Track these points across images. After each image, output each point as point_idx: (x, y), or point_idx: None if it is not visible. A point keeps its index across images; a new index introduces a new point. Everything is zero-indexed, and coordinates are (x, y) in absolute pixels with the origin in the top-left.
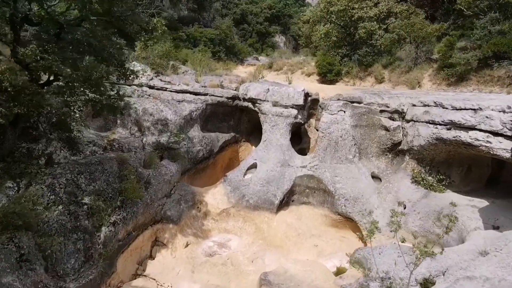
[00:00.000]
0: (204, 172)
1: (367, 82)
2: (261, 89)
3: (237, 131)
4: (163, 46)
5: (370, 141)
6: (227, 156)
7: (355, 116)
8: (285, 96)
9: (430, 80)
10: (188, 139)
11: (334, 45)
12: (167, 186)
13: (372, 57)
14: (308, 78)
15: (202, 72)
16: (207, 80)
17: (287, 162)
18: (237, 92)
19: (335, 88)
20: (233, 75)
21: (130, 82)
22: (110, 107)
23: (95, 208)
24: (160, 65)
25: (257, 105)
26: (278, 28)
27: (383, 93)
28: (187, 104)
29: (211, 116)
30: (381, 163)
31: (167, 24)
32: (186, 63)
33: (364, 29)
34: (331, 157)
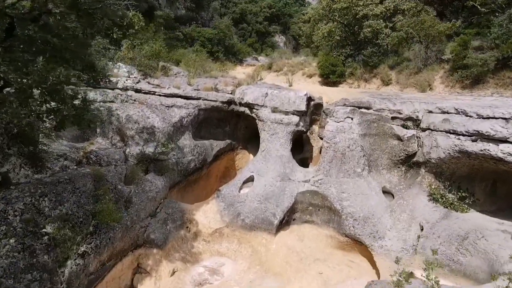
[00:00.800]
0: (197, 184)
1: (372, 84)
2: (259, 93)
3: (234, 137)
4: (153, 45)
5: (380, 152)
6: (222, 165)
7: (364, 123)
8: (285, 101)
9: (442, 82)
10: (178, 149)
11: (337, 44)
12: (151, 204)
13: (378, 57)
14: (309, 79)
15: (195, 74)
16: (201, 82)
17: (287, 175)
18: (233, 96)
19: (339, 91)
20: (229, 77)
21: (113, 86)
22: (75, 119)
23: (59, 238)
24: (149, 66)
25: (254, 111)
26: (278, 28)
27: (394, 97)
28: (177, 109)
29: (205, 122)
30: (393, 177)
31: (162, 23)
32: (180, 63)
33: (370, 27)
34: (337, 170)
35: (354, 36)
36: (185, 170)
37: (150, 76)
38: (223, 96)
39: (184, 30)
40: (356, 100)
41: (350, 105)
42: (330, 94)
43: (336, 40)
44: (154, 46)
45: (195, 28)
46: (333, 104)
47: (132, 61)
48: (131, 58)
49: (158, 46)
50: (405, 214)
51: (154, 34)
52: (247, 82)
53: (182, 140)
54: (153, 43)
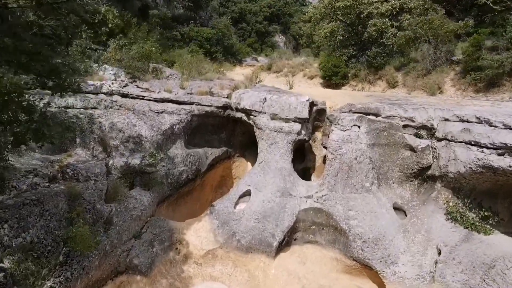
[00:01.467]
0: (190, 196)
1: (377, 86)
2: (256, 98)
3: (230, 145)
4: (143, 45)
5: (391, 164)
6: (218, 173)
7: (373, 132)
8: (285, 107)
9: (453, 85)
10: (168, 159)
11: (340, 45)
12: (136, 223)
13: (383, 58)
14: (310, 81)
15: (189, 76)
16: (195, 86)
17: (288, 191)
18: (229, 100)
19: (343, 94)
20: (226, 79)
21: (97, 90)
22: (34, 134)
23: (19, 274)
24: (137, 68)
25: (252, 118)
26: (278, 28)
27: (404, 102)
28: (168, 116)
29: (199, 128)
30: (405, 192)
31: (158, 22)
32: (175, 65)
33: (375, 26)
34: (344, 184)
35: (358, 35)
36: (176, 182)
37: (139, 79)
38: (218, 101)
39: (182, 30)
40: (363, 106)
41: (356, 112)
42: (334, 97)
43: (338, 40)
44: (144, 47)
45: (193, 28)
46: (337, 110)
47: (120, 63)
48: (119, 60)
49: (149, 46)
50: (420, 235)
51: (147, 34)
52: (245, 85)
53: (173, 149)
54: (143, 43)
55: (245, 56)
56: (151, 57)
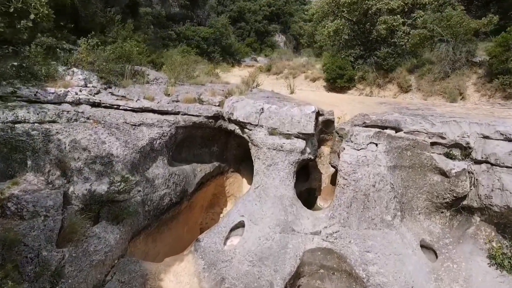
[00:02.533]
0: (175, 220)
1: (388, 90)
2: (252, 107)
3: (223, 159)
4: (122, 45)
5: (416, 191)
6: (209, 192)
7: (393, 152)
8: (287, 120)
9: (477, 90)
10: (146, 182)
11: (345, 44)
12: (98, 271)
13: (395, 59)
14: (313, 83)
15: (177, 81)
16: (182, 92)
17: (290, 225)
18: (221, 109)
19: (352, 101)
20: (219, 83)
21: (59, 99)
22: None
23: None
24: (113, 72)
25: (246, 132)
26: (277, 27)
27: (428, 113)
28: (146, 129)
29: (186, 141)
30: (434, 225)
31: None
32: (163, 67)
33: (385, 24)
34: (359, 218)
35: (365, 34)
36: (156, 209)
37: (115, 84)
38: (208, 110)
39: (177, 29)
40: (379, 118)
41: (372, 125)
42: (341, 105)
43: (343, 39)
44: (123, 46)
45: (189, 27)
46: (349, 123)
47: (93, 66)
48: (91, 62)
49: (129, 46)
50: (457, 285)
51: (132, 32)
52: (240, 90)
53: (152, 169)
54: (122, 42)
55: (244, 56)
56: (131, 59)
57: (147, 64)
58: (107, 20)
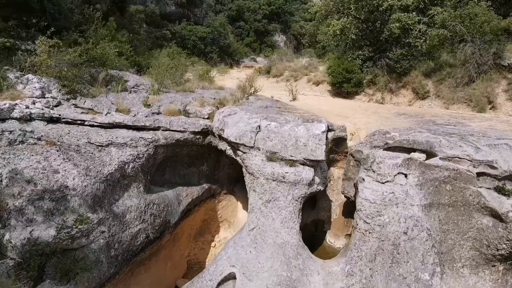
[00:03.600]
0: (154, 258)
1: (401, 96)
2: (246, 124)
3: (214, 179)
4: (94, 46)
5: (459, 237)
6: (198, 218)
7: (428, 185)
8: (290, 141)
9: (509, 98)
10: (113, 219)
11: (353, 45)
12: None
13: (409, 61)
14: (316, 88)
15: (162, 87)
16: (165, 102)
17: (295, 284)
18: (211, 122)
19: (365, 111)
20: (212, 90)
21: (4, 115)
22: None
23: None
24: (78, 79)
25: (239, 154)
26: (277, 26)
27: (467, 132)
28: (116, 150)
29: (170, 160)
30: (483, 283)
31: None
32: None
33: (398, 22)
34: (386, 276)
35: (374, 34)
36: (127, 252)
37: (82, 94)
38: (195, 124)
39: (173, 28)
40: (405, 138)
41: (396, 146)
42: (353, 116)
43: (351, 39)
44: (94, 48)
45: (186, 26)
46: (367, 144)
47: (54, 71)
48: (53, 66)
49: (103, 48)
50: None
51: (114, 31)
52: (235, 98)
53: (123, 201)
54: (94, 42)
55: (242, 56)
56: (106, 62)
57: (131, 67)
58: (86, 18)
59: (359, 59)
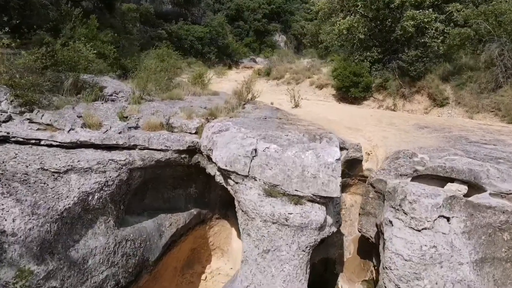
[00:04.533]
0: None
1: (415, 103)
2: (238, 147)
3: (205, 202)
4: (60, 48)
5: None
6: (185, 248)
7: (479, 233)
8: (295, 171)
9: None
10: (70, 267)
11: (361, 45)
12: None
13: (425, 64)
14: (320, 91)
15: (145, 94)
16: (147, 113)
17: None
18: (199, 138)
19: (379, 122)
20: (203, 96)
21: None
22: None
23: None
24: (36, 88)
25: (231, 183)
26: (278, 26)
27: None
28: (77, 177)
29: (152, 181)
30: None
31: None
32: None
33: (413, 20)
34: None
35: (383, 33)
36: None
37: (41, 106)
38: (179, 141)
39: (169, 28)
40: (440, 165)
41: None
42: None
43: (358, 39)
44: (62, 49)
45: (182, 26)
46: (391, 171)
47: (4, 79)
48: (5, 72)
49: (72, 49)
50: None
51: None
52: (229, 106)
53: (85, 242)
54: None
55: (242, 57)
56: (77, 66)
57: (113, 71)
58: (63, 15)
59: (367, 61)
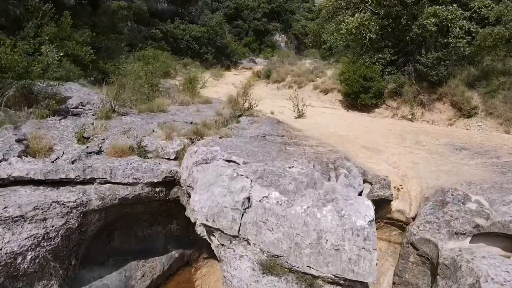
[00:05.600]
0: None
1: (436, 112)
2: (226, 192)
3: (189, 240)
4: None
5: None
6: None
7: None
8: (307, 238)
9: None
10: None
11: (371, 46)
12: None
13: (447, 67)
14: (325, 97)
15: (118, 106)
16: (115, 131)
17: None
18: (179, 167)
19: (400, 138)
20: (191, 106)
21: None
22: None
23: None
24: None
25: (215, 243)
26: (278, 26)
27: None
28: (1, 232)
29: (119, 222)
30: None
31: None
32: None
33: (434, 17)
34: None
35: (396, 32)
36: None
37: None
38: (153, 171)
39: (164, 27)
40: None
41: (492, 232)
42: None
43: (368, 38)
44: (5, 52)
45: (178, 25)
46: (440, 225)
47: None
48: None
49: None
50: None
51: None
52: (223, 119)
53: None
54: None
55: (241, 57)
56: (27, 73)
57: (88, 76)
58: (30, 12)
59: (379, 64)
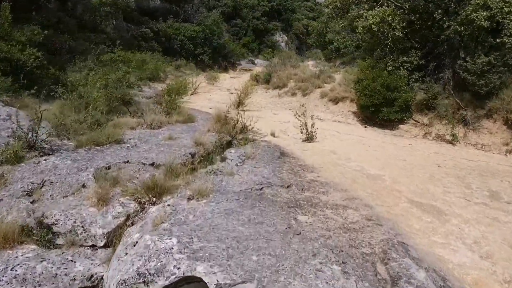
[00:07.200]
0: None
1: (485, 133)
2: None
3: None
4: None
5: None
6: None
7: None
8: None
9: None
10: None
11: (395, 47)
12: None
13: (500, 76)
14: (335, 107)
15: (37, 140)
16: (15, 189)
17: None
18: (106, 267)
19: (462, 180)
20: (159, 135)
21: None
22: None
23: None
24: None
25: None
26: (278, 25)
27: None
28: None
29: None
30: None
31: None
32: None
33: (486, 10)
34: None
35: (424, 31)
36: None
37: None
38: (56, 280)
39: (155, 26)
40: None
41: None
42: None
43: (392, 38)
44: None
45: (172, 24)
46: None
47: None
48: None
49: None
50: None
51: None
52: (204, 152)
53: None
54: None
55: (239, 58)
56: None
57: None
58: None
59: (404, 69)
